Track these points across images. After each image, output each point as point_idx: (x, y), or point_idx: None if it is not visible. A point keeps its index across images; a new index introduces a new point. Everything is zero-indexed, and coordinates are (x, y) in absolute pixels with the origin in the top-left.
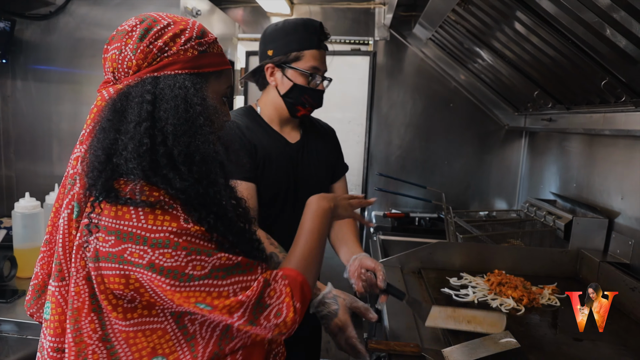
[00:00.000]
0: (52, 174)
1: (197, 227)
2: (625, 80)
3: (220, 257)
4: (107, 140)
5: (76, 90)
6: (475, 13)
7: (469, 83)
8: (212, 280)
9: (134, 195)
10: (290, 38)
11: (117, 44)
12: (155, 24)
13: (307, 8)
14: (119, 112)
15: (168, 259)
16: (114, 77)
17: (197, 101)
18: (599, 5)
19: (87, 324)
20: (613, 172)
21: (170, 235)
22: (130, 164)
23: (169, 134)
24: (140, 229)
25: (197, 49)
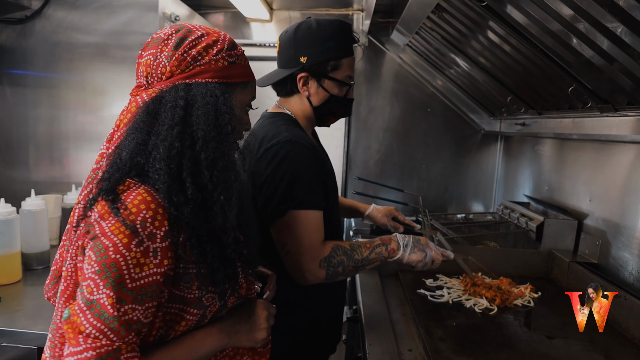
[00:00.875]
0: (29, 180)
1: (138, 255)
2: (591, 87)
3: (110, 297)
4: (138, 139)
5: (53, 95)
6: (450, 21)
7: (445, 88)
8: (86, 308)
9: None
10: (328, 45)
11: (152, 50)
12: (190, 34)
13: (287, 14)
14: (152, 114)
15: (87, 263)
16: (147, 82)
17: (225, 109)
18: (563, 16)
19: (64, 308)
20: (581, 175)
21: (110, 246)
22: (157, 164)
23: (199, 139)
24: (99, 227)
25: (227, 59)
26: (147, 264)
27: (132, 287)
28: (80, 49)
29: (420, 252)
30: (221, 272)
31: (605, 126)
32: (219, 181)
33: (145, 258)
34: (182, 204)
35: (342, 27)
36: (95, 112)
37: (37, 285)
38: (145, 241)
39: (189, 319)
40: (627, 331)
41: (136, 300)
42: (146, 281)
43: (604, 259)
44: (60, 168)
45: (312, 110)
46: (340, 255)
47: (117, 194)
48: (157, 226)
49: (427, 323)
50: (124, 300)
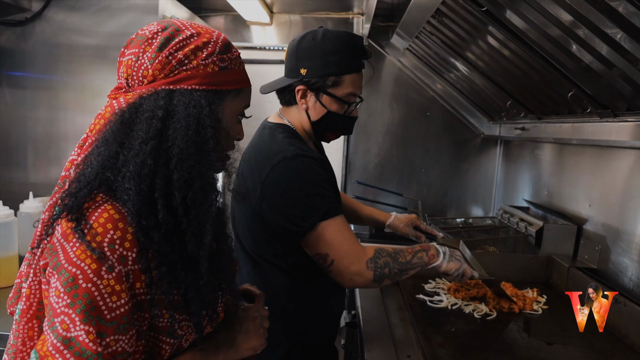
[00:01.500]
0: (27, 182)
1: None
2: (591, 92)
3: (89, 332)
4: (107, 152)
5: (52, 97)
6: (449, 25)
7: (445, 92)
8: (63, 348)
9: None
10: (329, 59)
11: (134, 49)
12: (177, 33)
13: (287, 17)
14: (126, 124)
15: (54, 296)
16: (127, 84)
17: (209, 123)
18: (562, 21)
19: (26, 329)
20: (581, 180)
21: (79, 274)
22: (127, 184)
23: (173, 156)
24: (63, 252)
25: (218, 64)
26: (124, 290)
27: (111, 318)
28: (80, 51)
29: (456, 261)
30: (196, 302)
31: (604, 131)
32: (193, 204)
33: (120, 284)
34: (152, 229)
35: (349, 41)
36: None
37: None
38: (116, 265)
39: (165, 348)
40: (626, 337)
41: (118, 330)
42: (126, 309)
43: (604, 264)
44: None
45: (310, 125)
46: (385, 256)
47: (83, 212)
48: (127, 247)
49: (426, 329)
50: (104, 333)
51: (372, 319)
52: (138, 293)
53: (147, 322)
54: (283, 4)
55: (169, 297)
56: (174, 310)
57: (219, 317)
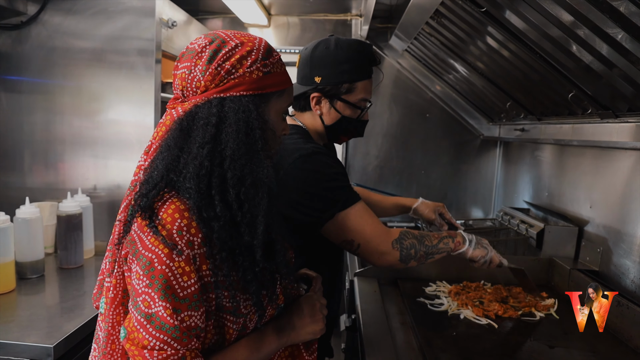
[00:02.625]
0: (24, 186)
1: (182, 264)
2: (591, 93)
3: (167, 308)
4: (170, 157)
5: (48, 101)
6: (448, 26)
7: (444, 94)
8: (146, 322)
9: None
10: (343, 68)
11: (186, 63)
12: (223, 45)
13: (285, 19)
14: (184, 131)
15: (136, 279)
16: (183, 95)
17: (257, 125)
18: (563, 21)
19: (115, 314)
20: (582, 182)
21: (154, 258)
22: (187, 183)
23: (227, 157)
24: (140, 241)
25: (262, 70)
26: (193, 271)
27: (184, 296)
28: (76, 55)
29: (483, 249)
30: (254, 283)
31: (605, 132)
32: (246, 199)
33: (189, 265)
34: (212, 219)
35: (361, 49)
36: (91, 118)
37: (31, 294)
38: (185, 249)
39: (231, 327)
40: (629, 341)
41: (191, 307)
42: (196, 287)
43: (605, 266)
44: (55, 174)
45: (324, 128)
46: (411, 238)
47: (154, 210)
48: (193, 233)
49: (427, 333)
50: (179, 309)
51: (372, 322)
52: (204, 275)
53: (214, 303)
54: (281, 6)
55: (229, 279)
56: (235, 291)
57: (279, 298)
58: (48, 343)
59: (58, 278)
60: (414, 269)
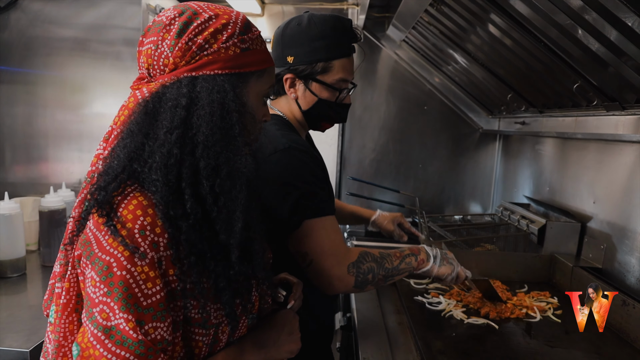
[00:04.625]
0: (5, 181)
1: (145, 269)
2: (597, 83)
3: (128, 320)
4: (133, 144)
5: (30, 92)
6: (448, 14)
7: (443, 86)
8: (104, 337)
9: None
10: (317, 44)
11: (153, 37)
12: (195, 17)
13: (280, 8)
14: (150, 115)
15: (91, 286)
16: (149, 74)
17: (234, 107)
18: (571, 6)
19: (67, 323)
20: (585, 176)
21: (113, 262)
22: (154, 175)
23: (199, 144)
24: (97, 242)
25: (239, 46)
26: (158, 276)
27: (148, 305)
28: (58, 43)
29: (449, 265)
30: (228, 291)
31: (610, 125)
32: (221, 192)
33: (153, 270)
34: (180, 218)
35: (337, 24)
36: (75, 110)
37: (11, 294)
38: (149, 252)
39: (200, 340)
40: (635, 341)
41: (156, 317)
42: (162, 295)
43: (609, 263)
44: (38, 169)
45: (302, 114)
46: (370, 261)
47: (112, 206)
48: (158, 233)
49: (425, 334)
50: (142, 320)
51: (367, 322)
52: (171, 280)
53: (182, 312)
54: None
55: (199, 287)
56: (205, 300)
57: (254, 307)
58: (24, 347)
59: (41, 277)
60: None
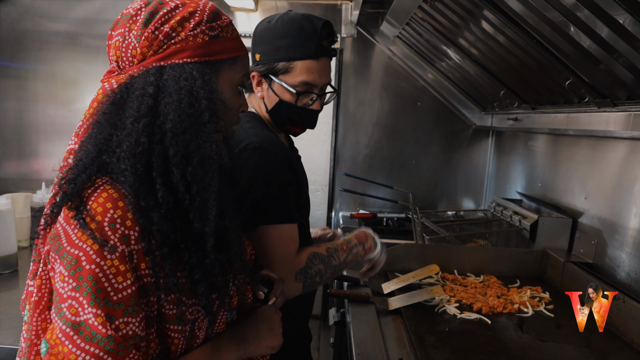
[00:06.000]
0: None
1: (115, 262)
2: (589, 80)
3: (98, 315)
4: (101, 136)
5: (20, 86)
6: (442, 10)
7: (436, 82)
8: (73, 333)
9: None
10: (279, 43)
11: (120, 29)
12: (161, 6)
13: (274, 3)
14: (117, 105)
15: (60, 281)
16: (119, 67)
17: (203, 94)
18: (564, 4)
19: (39, 321)
20: (577, 172)
21: (82, 256)
22: (122, 165)
23: (168, 132)
24: (65, 235)
25: (208, 33)
26: (129, 270)
27: (118, 299)
28: (49, 38)
29: (385, 254)
30: (203, 283)
31: (601, 121)
32: (193, 180)
33: (124, 264)
34: (151, 209)
35: (306, 24)
36: (67, 105)
37: (2, 291)
38: (119, 245)
39: (176, 337)
40: (625, 335)
41: (127, 312)
42: (133, 290)
43: (600, 258)
44: (29, 164)
45: (268, 114)
46: (318, 264)
47: (82, 199)
48: (129, 226)
49: (418, 329)
50: (112, 315)
51: (361, 317)
52: (143, 275)
53: (156, 308)
54: None
55: (173, 280)
56: (180, 294)
57: (232, 300)
58: (16, 345)
59: None
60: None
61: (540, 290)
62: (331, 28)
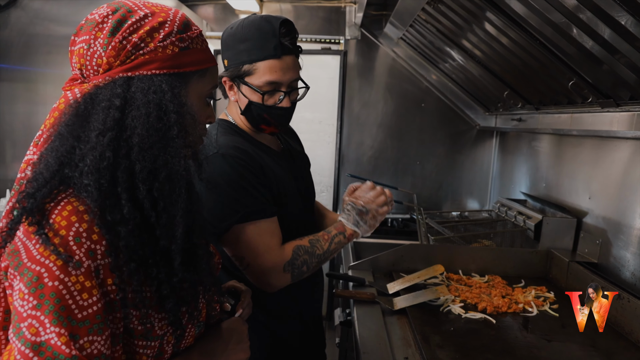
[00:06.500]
0: (6, 178)
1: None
2: (592, 81)
3: (61, 335)
4: (63, 148)
5: (30, 89)
6: (445, 12)
7: (440, 83)
8: (33, 354)
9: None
10: (241, 47)
11: (85, 36)
12: (130, 15)
13: (278, 6)
14: (81, 116)
15: (19, 299)
16: (82, 75)
17: (172, 108)
18: (566, 5)
19: None
20: (581, 172)
21: (44, 272)
22: (85, 179)
23: (134, 146)
24: (26, 250)
25: (177, 45)
26: (95, 286)
27: (83, 317)
28: (58, 41)
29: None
30: (172, 299)
31: (605, 122)
32: (160, 196)
33: (90, 280)
34: (118, 224)
35: (263, 25)
36: None
37: None
38: (85, 260)
39: (142, 353)
40: (630, 334)
41: (92, 331)
42: (99, 307)
43: (604, 258)
44: None
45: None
46: (303, 255)
47: (44, 214)
48: (95, 240)
49: (423, 328)
50: (77, 334)
51: (367, 317)
52: (110, 290)
53: (122, 324)
54: None
55: (141, 295)
56: (148, 309)
57: (201, 314)
58: None
59: None
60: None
61: (544, 290)
62: (290, 25)
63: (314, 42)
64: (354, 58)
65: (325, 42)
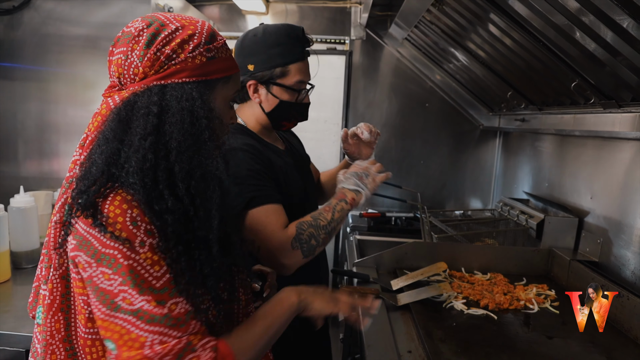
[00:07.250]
0: (18, 175)
1: (148, 254)
2: (594, 82)
3: (149, 301)
4: (109, 150)
5: (42, 89)
6: (450, 14)
7: (444, 83)
8: (135, 319)
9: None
10: (273, 52)
11: (122, 48)
12: (162, 28)
13: (284, 6)
14: (123, 122)
15: (106, 280)
16: (120, 82)
17: (203, 114)
18: (568, 8)
19: (53, 322)
20: (583, 172)
21: (117, 254)
22: (131, 179)
23: (173, 149)
24: (96, 239)
25: (205, 55)
26: (161, 258)
27: (161, 286)
28: (70, 41)
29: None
30: (212, 277)
31: (607, 122)
32: (197, 193)
33: (156, 254)
34: (165, 212)
35: (290, 32)
36: (86, 106)
37: (26, 284)
38: (146, 239)
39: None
40: (629, 332)
41: (172, 294)
42: (169, 276)
43: (605, 257)
44: (50, 164)
45: (266, 116)
46: (308, 229)
47: (96, 207)
48: (148, 222)
49: (426, 323)
50: (162, 300)
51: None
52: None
53: None
54: None
55: (188, 275)
56: (195, 287)
57: (237, 291)
58: None
59: None
60: (411, 260)
61: (546, 287)
62: (306, 33)
63: (320, 42)
64: (359, 58)
65: (330, 42)
